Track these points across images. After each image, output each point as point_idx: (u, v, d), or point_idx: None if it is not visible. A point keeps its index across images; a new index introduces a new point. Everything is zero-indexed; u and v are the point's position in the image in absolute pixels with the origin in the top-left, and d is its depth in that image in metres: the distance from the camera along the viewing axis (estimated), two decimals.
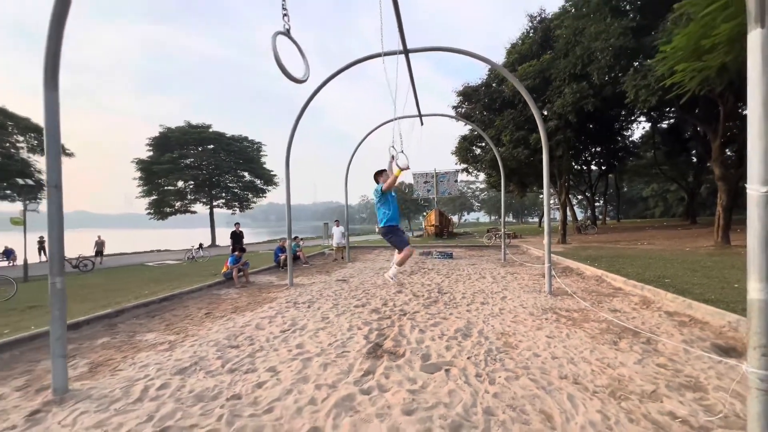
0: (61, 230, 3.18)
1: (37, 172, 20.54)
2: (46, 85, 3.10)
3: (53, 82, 3.12)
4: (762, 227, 2.27)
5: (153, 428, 2.57)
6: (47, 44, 3.04)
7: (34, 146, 20.69)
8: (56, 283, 3.11)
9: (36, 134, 20.86)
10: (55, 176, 3.13)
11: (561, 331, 4.53)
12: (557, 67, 14.16)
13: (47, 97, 3.10)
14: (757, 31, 2.25)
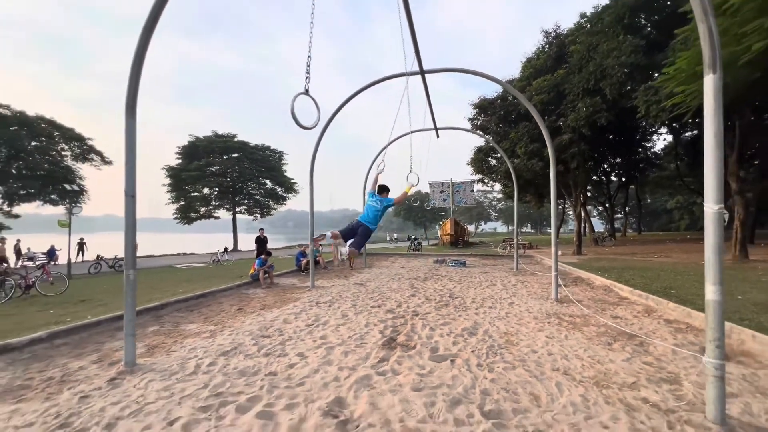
0: (134, 232, 3.87)
1: (78, 178, 22.19)
2: (127, 113, 3.83)
3: (132, 111, 3.85)
4: (716, 239, 2.71)
5: (209, 392, 3.18)
6: (129, 83, 3.78)
7: (77, 155, 22.39)
8: (129, 275, 3.80)
9: (79, 143, 22.57)
10: (131, 187, 3.84)
11: (560, 333, 4.93)
12: (571, 82, 14.50)
13: (128, 123, 3.83)
14: (710, 76, 2.72)
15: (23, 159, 20.25)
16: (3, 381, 3.52)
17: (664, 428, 2.60)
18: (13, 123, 19.69)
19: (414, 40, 7.18)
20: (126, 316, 3.78)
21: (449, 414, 2.80)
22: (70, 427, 2.66)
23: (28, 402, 3.07)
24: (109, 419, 2.75)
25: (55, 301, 8.37)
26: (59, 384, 3.44)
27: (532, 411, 2.85)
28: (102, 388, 3.31)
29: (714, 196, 2.73)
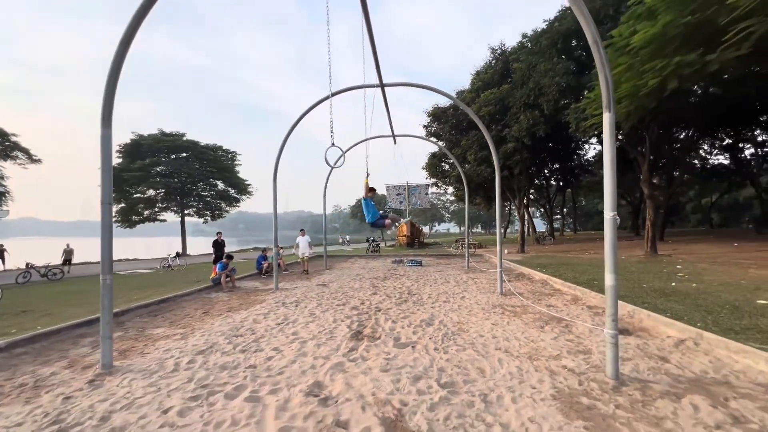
0: (110, 237, 3.99)
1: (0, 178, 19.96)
2: (102, 123, 3.95)
3: (108, 121, 3.97)
4: (612, 238, 3.55)
5: (195, 385, 3.45)
6: (104, 96, 3.92)
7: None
8: (106, 279, 3.92)
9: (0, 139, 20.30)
10: (107, 195, 3.96)
11: (504, 321, 5.74)
12: (514, 96, 16.00)
13: (103, 133, 3.95)
14: (607, 114, 3.56)
15: None
16: None
17: (576, 385, 3.37)
18: None
19: (374, 55, 7.73)
20: (102, 318, 3.89)
21: (412, 387, 3.36)
22: (63, 422, 2.83)
23: (7, 406, 3.14)
24: (102, 413, 2.95)
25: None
26: (34, 389, 3.49)
27: (479, 381, 3.50)
28: (83, 389, 3.44)
29: (610, 205, 3.56)
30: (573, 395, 3.15)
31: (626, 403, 3.01)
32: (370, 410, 2.93)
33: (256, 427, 2.73)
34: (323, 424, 2.74)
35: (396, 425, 2.72)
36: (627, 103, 7.68)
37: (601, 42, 3.49)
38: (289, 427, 2.71)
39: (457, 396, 3.18)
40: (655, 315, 5.36)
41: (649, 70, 6.75)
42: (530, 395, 3.16)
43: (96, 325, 5.82)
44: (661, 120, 12.69)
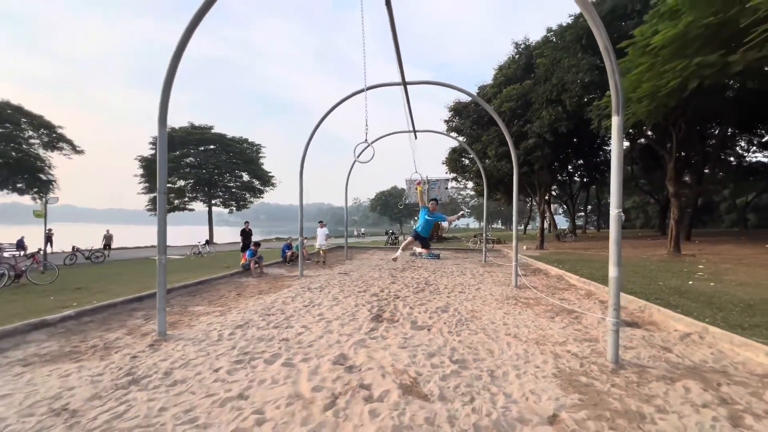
0: (165, 224, 4.57)
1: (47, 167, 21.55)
2: (159, 124, 4.51)
3: (164, 121, 4.53)
4: (616, 233, 3.81)
5: (238, 351, 3.99)
6: (161, 99, 4.46)
7: (46, 143, 21.71)
8: (162, 259, 4.50)
9: (48, 131, 21.87)
10: (163, 185, 4.53)
11: (515, 311, 6.05)
12: (537, 92, 15.89)
13: (160, 131, 4.51)
14: (615, 117, 3.80)
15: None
16: (53, 348, 4.16)
17: (577, 366, 3.69)
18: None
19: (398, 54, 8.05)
20: (159, 293, 4.49)
21: (427, 361, 3.77)
22: (134, 375, 3.41)
23: (87, 361, 3.77)
24: (164, 369, 3.52)
25: (50, 289, 8.68)
26: (105, 349, 4.13)
27: (487, 359, 3.88)
28: (145, 351, 4.04)
29: (615, 202, 3.82)
30: (573, 375, 3.48)
31: (622, 383, 3.31)
32: (389, 377, 3.37)
33: (292, 385, 3.21)
34: (349, 386, 3.19)
35: (411, 389, 3.14)
36: (647, 102, 7.68)
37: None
38: (320, 386, 3.18)
39: (467, 370, 3.57)
40: (665, 310, 5.53)
41: (669, 70, 6.76)
42: (533, 373, 3.51)
43: (145, 301, 6.56)
44: (689, 116, 12.41)
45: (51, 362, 3.74)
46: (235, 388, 3.13)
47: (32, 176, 20.82)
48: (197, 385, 3.21)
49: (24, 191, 20.84)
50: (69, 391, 3.09)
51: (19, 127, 20.77)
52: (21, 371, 3.52)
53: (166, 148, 4.56)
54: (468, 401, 2.94)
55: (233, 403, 2.88)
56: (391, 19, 6.66)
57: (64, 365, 3.66)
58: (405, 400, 2.95)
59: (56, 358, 3.87)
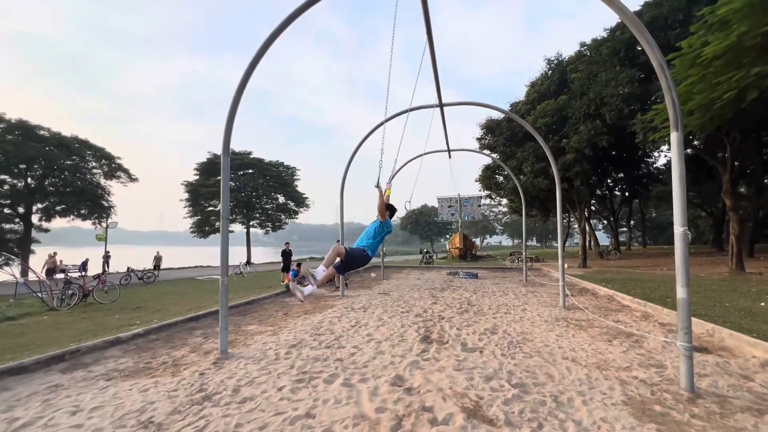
0: (227, 247, 4.88)
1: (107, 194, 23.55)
2: (223, 153, 4.90)
3: (227, 152, 4.92)
4: (682, 252, 3.66)
5: (296, 371, 4.12)
6: (225, 132, 4.86)
7: (106, 172, 23.82)
8: (225, 281, 4.79)
9: (108, 161, 24.03)
10: (226, 210, 4.87)
11: (568, 333, 5.82)
12: (573, 107, 15.61)
13: (224, 160, 4.90)
14: (675, 133, 3.72)
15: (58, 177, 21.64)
16: (129, 364, 4.49)
17: (648, 394, 3.50)
18: (51, 143, 21.15)
19: (436, 77, 8.28)
20: (221, 313, 4.76)
21: (486, 384, 3.71)
22: (206, 391, 3.61)
23: (161, 377, 4.03)
24: (233, 386, 3.70)
25: (113, 308, 9.35)
26: (174, 366, 4.39)
27: (548, 384, 3.76)
28: (211, 369, 4.26)
29: (680, 220, 3.68)
30: (645, 403, 3.30)
31: (702, 413, 3.10)
32: (450, 400, 3.35)
33: (355, 405, 3.27)
34: (411, 408, 3.21)
35: (476, 413, 3.11)
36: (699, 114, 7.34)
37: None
38: (383, 408, 3.21)
39: (529, 395, 3.48)
40: (738, 334, 5.12)
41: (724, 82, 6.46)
42: (600, 399, 3.37)
43: (201, 320, 6.91)
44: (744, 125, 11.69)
45: (130, 377, 4.04)
46: (302, 407, 3.23)
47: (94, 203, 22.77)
48: (265, 402, 3.34)
49: (86, 217, 22.80)
50: (151, 405, 3.32)
51: (84, 159, 22.95)
52: (105, 385, 3.82)
53: (228, 176, 4.92)
54: (536, 428, 2.87)
55: (302, 422, 2.98)
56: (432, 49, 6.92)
57: (142, 380, 3.94)
58: (471, 423, 2.93)
59: (133, 373, 4.17)
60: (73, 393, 3.61)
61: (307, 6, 4.76)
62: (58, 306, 9.35)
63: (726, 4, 6.60)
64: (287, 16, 4.78)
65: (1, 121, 19.58)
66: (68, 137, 21.92)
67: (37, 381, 3.94)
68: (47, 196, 21.36)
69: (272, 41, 4.77)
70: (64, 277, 13.29)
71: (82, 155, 22.75)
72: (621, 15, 3.92)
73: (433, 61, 7.43)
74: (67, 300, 9.73)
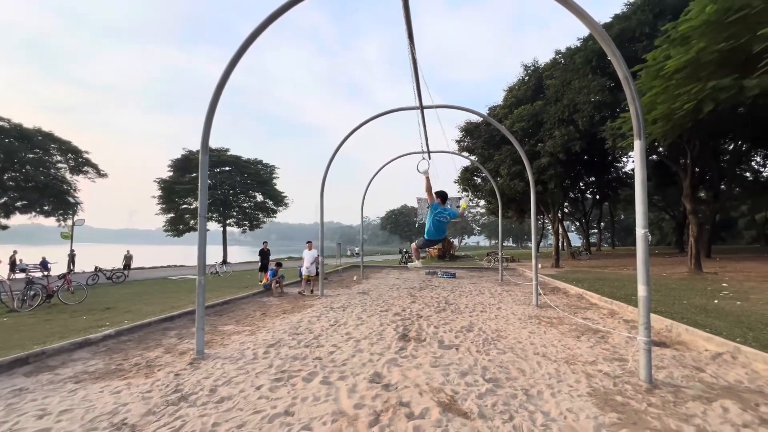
0: (204, 246, 4.80)
1: (73, 190, 22.41)
2: (201, 151, 4.82)
3: (205, 149, 4.84)
4: (643, 252, 3.91)
5: (275, 370, 4.12)
6: (203, 129, 4.79)
7: (73, 167, 22.67)
8: (201, 280, 4.71)
9: (74, 155, 22.86)
10: (203, 209, 4.80)
11: (540, 330, 6.07)
12: (548, 112, 16.19)
13: (202, 158, 4.82)
14: (638, 141, 3.97)
15: (19, 171, 20.43)
16: (99, 366, 4.35)
17: (611, 386, 3.72)
18: (11, 135, 19.94)
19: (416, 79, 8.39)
20: (198, 313, 4.68)
21: (461, 380, 3.84)
22: (182, 392, 3.56)
23: (133, 378, 3.94)
24: (210, 386, 3.67)
25: (80, 309, 8.95)
26: (147, 367, 4.30)
27: (520, 378, 3.93)
28: (187, 369, 4.20)
29: (641, 222, 3.93)
30: (608, 394, 3.52)
31: (658, 402, 3.34)
32: (426, 395, 3.45)
33: (334, 402, 3.32)
34: (389, 404, 3.29)
35: (451, 407, 3.22)
36: (662, 123, 7.85)
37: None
38: (361, 404, 3.28)
39: (502, 389, 3.63)
40: (693, 329, 5.50)
41: (683, 93, 6.93)
42: (567, 392, 3.56)
43: (176, 320, 6.76)
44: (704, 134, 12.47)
45: (100, 379, 3.92)
46: (280, 405, 3.25)
47: (59, 199, 21.64)
48: (243, 401, 3.34)
49: (50, 213, 21.64)
50: (124, 407, 3.25)
51: (48, 152, 21.77)
52: (74, 388, 3.70)
53: (207, 174, 4.85)
54: (507, 419, 3.01)
55: (281, 419, 3.00)
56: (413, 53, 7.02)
57: (113, 382, 3.84)
58: (446, 417, 3.04)
59: (104, 375, 4.05)
60: (39, 396, 3.48)
61: (291, 5, 4.76)
62: (19, 307, 8.87)
63: (686, 21, 7.09)
64: (269, 15, 4.75)
65: None
66: (30, 129, 20.74)
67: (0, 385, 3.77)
68: (6, 191, 20.10)
69: (253, 39, 4.73)
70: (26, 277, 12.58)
71: (46, 148, 21.57)
72: (591, 29, 4.15)
73: (414, 64, 7.53)
74: (29, 301, 9.23)
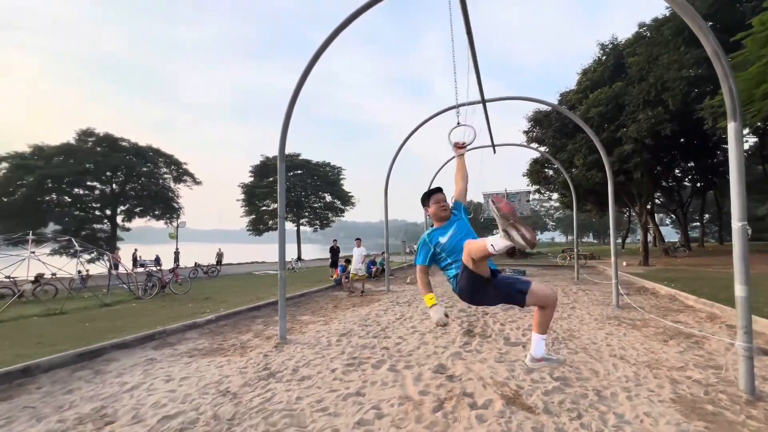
0: (284, 244, 5.42)
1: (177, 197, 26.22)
2: (279, 159, 5.43)
3: (283, 158, 5.44)
4: (741, 248, 3.49)
5: (347, 356, 4.52)
6: (280, 138, 5.38)
7: (175, 177, 26.49)
8: (282, 275, 5.33)
9: (176, 167, 26.67)
10: (282, 211, 5.40)
11: (620, 331, 5.65)
12: (630, 93, 14.50)
13: (280, 165, 5.42)
14: (732, 124, 3.55)
15: (136, 182, 24.48)
16: (205, 344, 5.19)
17: (701, 394, 3.40)
18: (131, 152, 23.96)
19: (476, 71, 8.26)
20: (280, 303, 5.31)
21: (526, 376, 3.83)
22: (270, 369, 4.12)
23: (232, 356, 4.64)
24: (292, 367, 4.18)
25: (186, 298, 10.54)
26: (242, 348, 5.01)
27: (592, 379, 3.78)
28: (273, 351, 4.80)
29: (738, 215, 3.51)
30: (696, 402, 3.23)
31: (761, 416, 2.98)
32: (490, 388, 3.53)
33: (400, 388, 3.57)
34: (452, 393, 3.44)
35: (515, 400, 3.26)
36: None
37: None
38: (425, 391, 3.48)
39: (570, 388, 3.55)
40: None
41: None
42: (647, 396, 3.34)
43: (262, 310, 7.64)
44: None
45: (207, 355, 4.69)
46: (352, 387, 3.60)
47: (166, 205, 25.43)
48: (321, 381, 3.76)
49: (159, 217, 25.55)
50: (226, 378, 3.89)
51: (157, 165, 25.68)
52: (188, 361, 4.50)
53: (284, 179, 5.45)
54: (575, 417, 2.97)
55: (354, 399, 3.34)
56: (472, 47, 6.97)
57: (216, 358, 4.57)
58: (509, 409, 3.10)
59: (209, 352, 4.83)
60: (164, 365, 4.32)
61: (359, 13, 5.11)
62: (142, 295, 10.74)
63: None
64: (338, 25, 5.14)
65: (92, 135, 22.62)
66: (144, 147, 24.71)
67: (136, 355, 4.74)
68: (128, 200, 24.23)
69: (323, 50, 5.18)
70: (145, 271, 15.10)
71: (155, 162, 25.50)
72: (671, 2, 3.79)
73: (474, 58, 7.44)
74: (149, 290, 11.14)
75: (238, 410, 3.16)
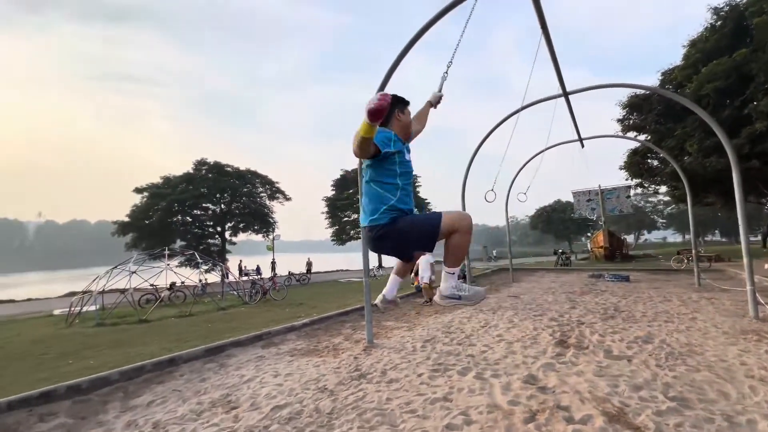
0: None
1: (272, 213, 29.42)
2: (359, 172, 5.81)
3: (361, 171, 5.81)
4: None
5: (432, 362, 4.60)
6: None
7: (269, 195, 29.78)
8: (367, 281, 5.67)
9: (270, 186, 29.94)
10: None
11: (759, 349, 4.71)
12: (759, 60, 11.92)
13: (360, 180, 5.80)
14: None
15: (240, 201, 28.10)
16: (303, 345, 5.76)
17: None
18: (234, 176, 27.65)
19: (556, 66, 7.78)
20: (366, 309, 5.66)
21: (633, 393, 3.46)
22: (360, 371, 4.42)
23: (326, 357, 5.08)
24: (381, 369, 4.42)
25: (283, 303, 11.73)
26: (334, 350, 5.44)
27: (720, 402, 3.25)
28: (362, 354, 5.13)
29: None
30: None
31: None
32: (588, 403, 3.28)
33: (488, 396, 3.54)
34: (545, 405, 3.29)
35: (619, 419, 2.99)
36: None
37: None
38: (515, 401, 3.39)
39: (691, 410, 3.11)
40: None
41: None
42: None
43: (350, 315, 8.15)
44: None
45: (306, 355, 5.22)
46: (439, 392, 3.68)
47: (263, 221, 28.65)
48: (408, 384, 3.92)
49: (258, 231, 28.89)
50: (323, 376, 4.29)
51: (254, 185, 29.13)
52: (290, 359, 5.05)
53: None
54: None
55: (441, 403, 3.42)
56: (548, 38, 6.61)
57: (313, 358, 5.05)
58: (613, 428, 2.85)
59: (307, 352, 5.36)
60: (272, 363, 4.93)
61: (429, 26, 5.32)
62: (249, 301, 12.26)
63: None
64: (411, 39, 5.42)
65: (205, 164, 26.77)
66: (243, 170, 28.28)
67: (249, 352, 5.49)
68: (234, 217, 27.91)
69: (398, 63, 5.47)
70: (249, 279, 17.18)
71: (253, 183, 28.95)
72: None
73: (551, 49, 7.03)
74: (254, 296, 12.67)
75: (335, 405, 3.48)
